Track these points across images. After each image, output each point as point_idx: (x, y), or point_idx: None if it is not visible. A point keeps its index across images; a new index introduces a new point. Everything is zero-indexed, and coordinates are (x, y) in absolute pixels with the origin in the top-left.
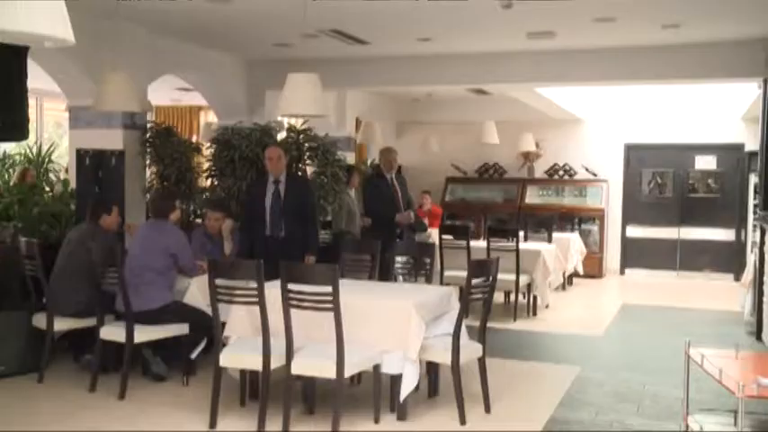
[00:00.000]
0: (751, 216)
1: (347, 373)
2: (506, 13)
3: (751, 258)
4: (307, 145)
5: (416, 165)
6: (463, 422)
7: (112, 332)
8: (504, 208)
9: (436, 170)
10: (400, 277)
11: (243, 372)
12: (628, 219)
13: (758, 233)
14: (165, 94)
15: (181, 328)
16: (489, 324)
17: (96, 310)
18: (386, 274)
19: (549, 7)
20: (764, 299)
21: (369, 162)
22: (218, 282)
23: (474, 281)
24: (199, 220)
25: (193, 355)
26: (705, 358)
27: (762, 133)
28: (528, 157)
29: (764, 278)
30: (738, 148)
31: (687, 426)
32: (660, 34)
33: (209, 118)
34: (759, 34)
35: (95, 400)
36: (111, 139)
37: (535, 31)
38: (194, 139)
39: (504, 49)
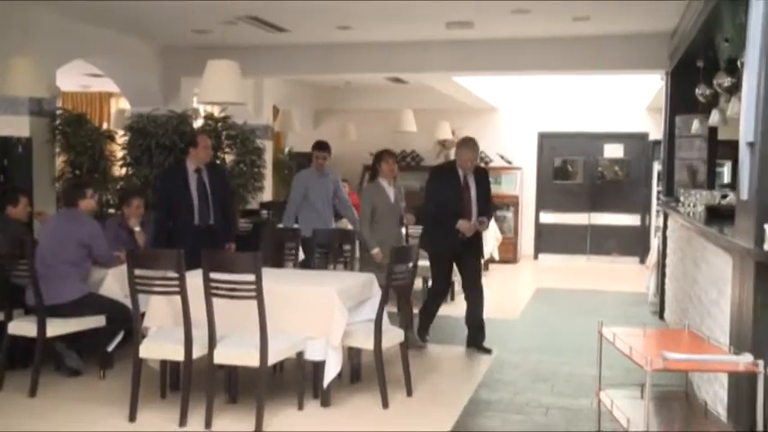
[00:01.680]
0: (655, 202)
1: (271, 361)
2: (426, 3)
3: (655, 242)
4: (225, 133)
5: (335, 153)
6: (386, 405)
7: (22, 327)
8: (421, 195)
9: (354, 158)
10: (330, 266)
11: (163, 363)
12: (541, 205)
13: (661, 218)
14: (73, 79)
15: (97, 321)
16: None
17: (4, 304)
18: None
19: None
20: (666, 280)
21: (286, 150)
22: (138, 272)
23: (395, 267)
24: (112, 210)
25: (110, 348)
26: (617, 336)
27: (664, 123)
28: (444, 144)
29: (666, 261)
30: (644, 136)
31: (599, 401)
32: (571, 26)
33: (121, 105)
34: (662, 29)
35: (2, 399)
36: (17, 126)
37: (454, 20)
38: (105, 126)
39: (424, 38)
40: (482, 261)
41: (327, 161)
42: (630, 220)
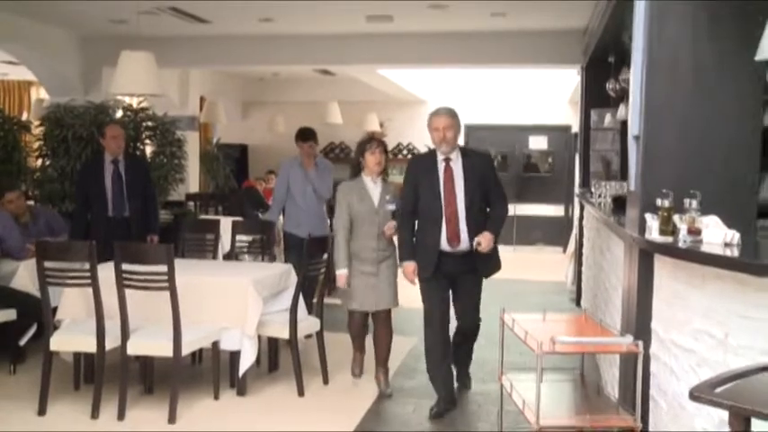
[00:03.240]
0: (576, 192)
1: (185, 351)
2: None
3: (573, 232)
4: (144, 124)
5: (263, 144)
6: (301, 394)
7: None
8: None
9: (282, 150)
10: (246, 257)
11: (77, 355)
12: None
13: (579, 208)
14: None
15: (7, 315)
16: (329, 300)
17: None
18: None
19: None
20: (583, 269)
21: (214, 141)
22: (49, 264)
23: (311, 258)
24: (31, 202)
25: (22, 342)
26: (516, 322)
27: (580, 116)
28: (373, 136)
29: (583, 250)
30: (566, 129)
31: (501, 384)
32: (489, 21)
33: (42, 94)
34: (576, 26)
35: None
36: None
37: (374, 14)
38: (25, 116)
39: (346, 31)
40: (480, 288)
41: (315, 149)
42: (554, 210)
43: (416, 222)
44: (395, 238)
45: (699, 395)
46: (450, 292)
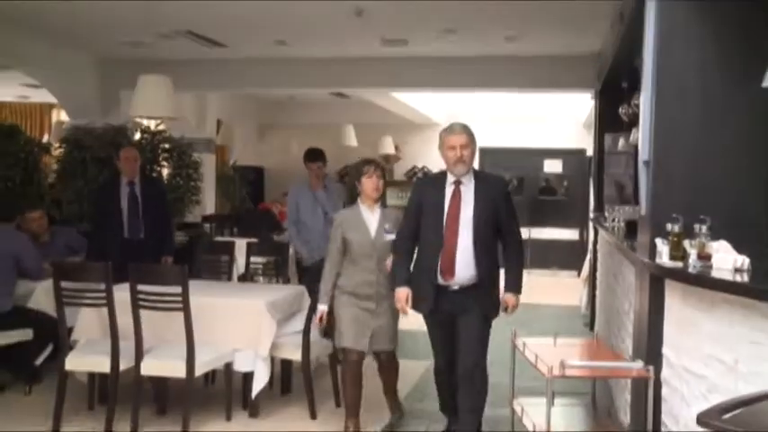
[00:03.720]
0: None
1: (198, 372)
2: (360, 21)
3: (588, 256)
4: (161, 146)
5: (278, 167)
6: (314, 417)
7: None
8: None
9: (297, 172)
10: (260, 278)
11: (91, 375)
12: None
13: (594, 232)
14: (10, 90)
15: (24, 334)
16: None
17: None
18: None
19: (399, 17)
20: (597, 293)
21: (231, 163)
22: (65, 284)
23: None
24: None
25: (38, 362)
26: (527, 346)
27: (594, 140)
28: (388, 159)
29: (597, 274)
30: (581, 152)
31: (512, 409)
32: (503, 46)
33: (62, 117)
34: (590, 50)
35: None
36: None
37: (389, 38)
38: (45, 138)
39: (360, 55)
40: (489, 327)
41: (324, 170)
42: (570, 234)
43: (417, 249)
44: None
45: (707, 421)
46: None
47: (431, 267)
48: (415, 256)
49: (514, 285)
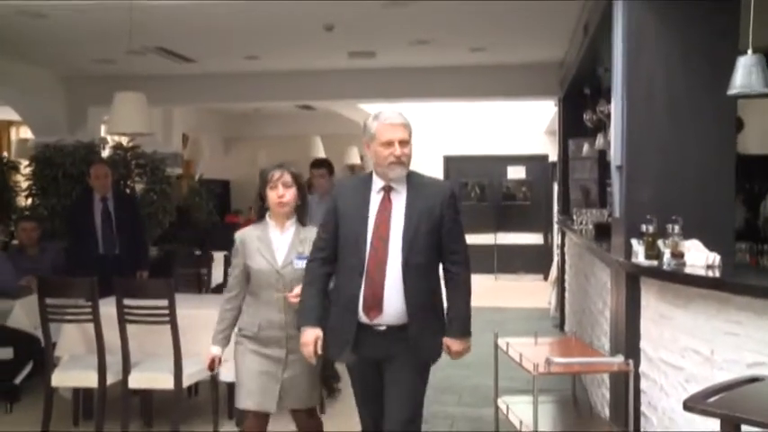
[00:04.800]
0: (555, 220)
1: (185, 384)
2: (329, 34)
3: (555, 259)
4: (134, 162)
5: (245, 179)
6: None
7: None
8: None
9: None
10: None
11: (76, 391)
12: None
13: (560, 236)
14: None
15: (4, 353)
16: None
17: None
18: None
19: (368, 30)
20: (566, 294)
21: (197, 177)
22: (50, 301)
23: None
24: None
25: (18, 380)
26: (510, 346)
27: (558, 146)
28: (353, 169)
29: (565, 276)
30: (544, 158)
31: (497, 407)
32: (470, 56)
33: (22, 134)
34: (552, 59)
35: None
36: None
37: (356, 50)
38: (5, 155)
39: (328, 67)
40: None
41: (328, 180)
42: (534, 238)
43: (336, 273)
44: None
45: (692, 405)
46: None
47: (350, 300)
48: (332, 284)
49: (460, 326)
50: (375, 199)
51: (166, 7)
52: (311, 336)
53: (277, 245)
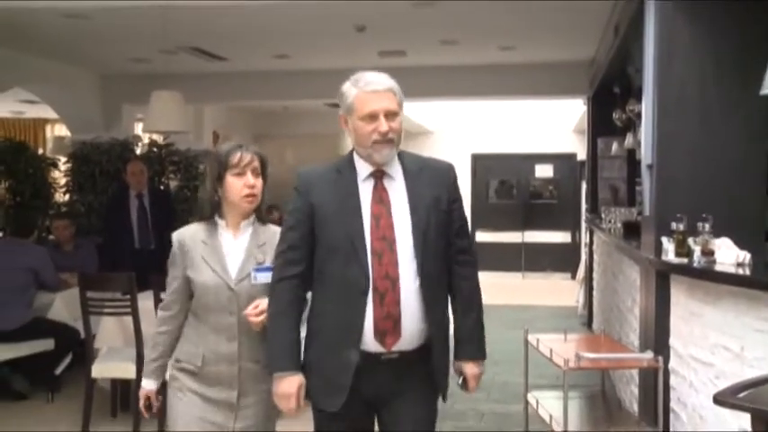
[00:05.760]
0: (583, 219)
1: None
2: (359, 34)
3: (583, 257)
4: (169, 159)
5: (273, 177)
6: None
7: None
8: None
9: (293, 182)
10: None
11: (114, 382)
12: (476, 224)
13: (588, 234)
14: (6, 106)
15: (45, 345)
16: None
17: None
18: None
19: (398, 30)
20: (594, 293)
21: None
22: (90, 294)
23: None
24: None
25: (58, 371)
26: (540, 342)
27: (588, 144)
28: None
29: (593, 275)
30: (572, 157)
31: (527, 402)
32: (499, 55)
33: (57, 131)
34: (582, 58)
35: None
36: None
37: (387, 50)
38: (40, 151)
39: (358, 66)
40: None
41: None
42: (562, 237)
43: (311, 295)
44: None
45: (722, 400)
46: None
47: (349, 328)
48: (307, 307)
49: (479, 344)
50: (364, 189)
51: (199, 7)
52: (293, 384)
53: (229, 252)
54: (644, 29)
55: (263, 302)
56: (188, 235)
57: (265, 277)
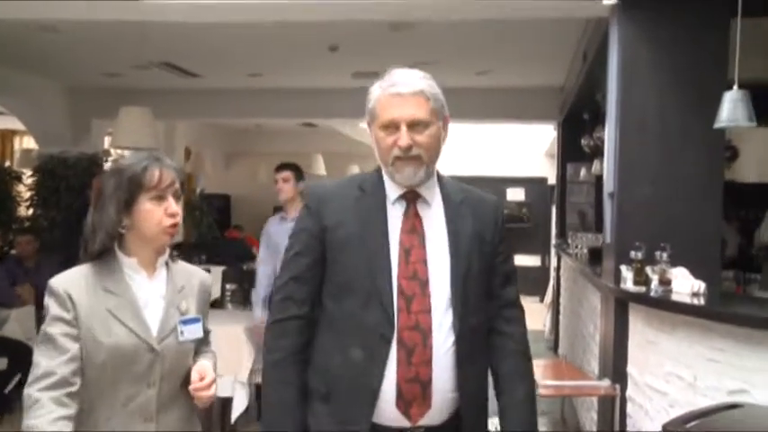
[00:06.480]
0: (553, 243)
1: None
2: (333, 54)
3: (551, 282)
4: None
5: (246, 195)
6: None
7: None
8: None
9: (265, 200)
10: (229, 305)
11: None
12: None
13: (557, 259)
14: None
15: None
16: None
17: None
18: None
19: (373, 51)
20: (560, 317)
21: (198, 191)
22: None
23: None
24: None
25: (7, 390)
26: None
27: (557, 170)
28: None
29: (560, 299)
30: (543, 181)
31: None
32: (474, 79)
33: (26, 143)
34: (554, 84)
35: None
36: None
37: (361, 71)
38: (8, 164)
39: (332, 86)
40: None
41: (294, 186)
42: (532, 260)
43: (317, 340)
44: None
45: (672, 430)
46: None
47: (363, 388)
48: (314, 359)
49: (528, 426)
50: (392, 214)
51: (173, 24)
52: None
53: (146, 301)
54: (608, 56)
55: (207, 369)
56: (77, 282)
57: (194, 331)
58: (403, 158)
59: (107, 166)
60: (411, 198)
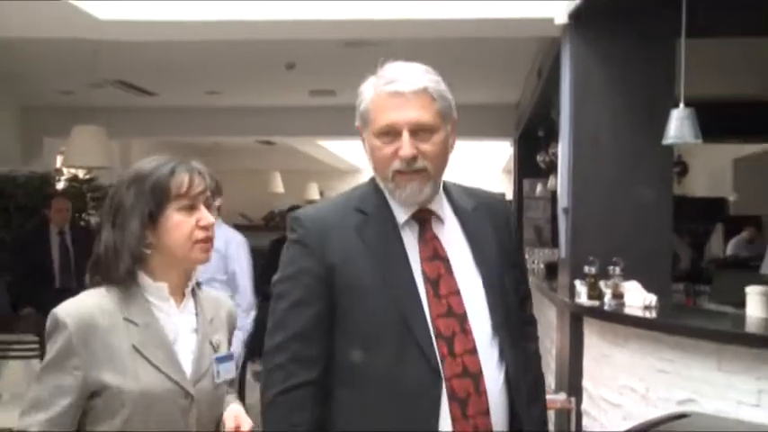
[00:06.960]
0: None
1: None
2: (290, 72)
3: None
4: (90, 195)
5: None
6: None
7: None
8: None
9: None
10: None
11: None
12: None
13: None
14: None
15: None
16: None
17: None
18: None
19: (329, 69)
20: None
21: None
22: None
23: None
24: None
25: None
26: None
27: (513, 185)
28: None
29: None
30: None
31: None
32: None
33: None
34: (510, 101)
35: None
36: None
37: (317, 89)
38: None
39: (289, 104)
40: None
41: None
42: None
43: (334, 404)
44: None
45: None
46: None
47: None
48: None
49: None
50: (409, 238)
51: (128, 42)
52: None
53: (175, 334)
54: (560, 73)
55: (242, 415)
56: (91, 312)
57: (229, 371)
58: (406, 172)
59: (60, 185)
60: (423, 218)
